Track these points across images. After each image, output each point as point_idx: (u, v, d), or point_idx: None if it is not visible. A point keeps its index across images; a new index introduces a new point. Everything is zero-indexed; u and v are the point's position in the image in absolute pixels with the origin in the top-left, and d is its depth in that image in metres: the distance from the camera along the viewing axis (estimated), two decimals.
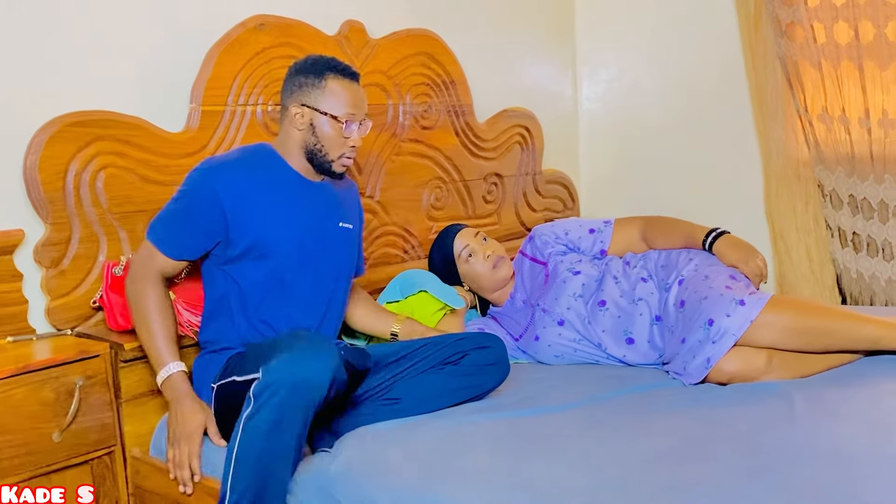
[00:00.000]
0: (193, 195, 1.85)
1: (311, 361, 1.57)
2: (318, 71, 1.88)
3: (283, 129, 1.94)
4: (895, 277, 2.88)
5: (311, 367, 1.57)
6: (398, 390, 1.83)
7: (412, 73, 2.71)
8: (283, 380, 1.55)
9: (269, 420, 1.55)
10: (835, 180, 2.95)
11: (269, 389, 1.55)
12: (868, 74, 2.83)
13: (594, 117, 3.64)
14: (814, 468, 1.41)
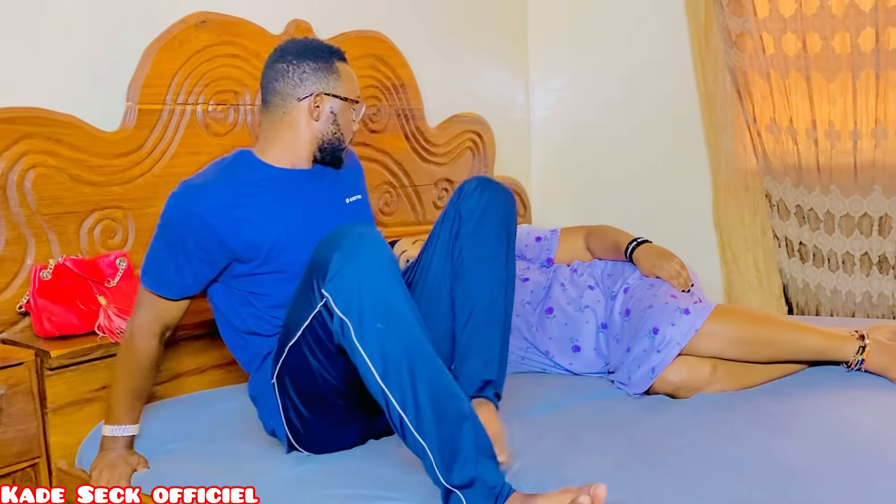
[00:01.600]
0: (177, 226, 1.64)
1: (361, 243, 1.40)
2: (325, 57, 1.73)
3: (281, 126, 1.72)
4: (841, 287, 2.90)
5: (367, 248, 1.40)
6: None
7: (361, 75, 2.65)
8: (356, 277, 1.37)
9: (379, 314, 1.37)
10: (782, 191, 2.97)
11: (352, 294, 1.37)
12: (815, 86, 2.85)
13: (546, 125, 3.63)
14: (751, 482, 1.39)
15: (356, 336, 1.36)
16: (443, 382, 1.38)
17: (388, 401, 1.35)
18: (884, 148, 2.77)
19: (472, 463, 1.32)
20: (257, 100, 2.35)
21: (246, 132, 2.33)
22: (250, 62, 2.32)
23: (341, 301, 1.37)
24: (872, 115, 2.77)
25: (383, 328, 1.36)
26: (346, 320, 1.36)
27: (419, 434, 1.33)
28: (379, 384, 1.35)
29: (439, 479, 1.33)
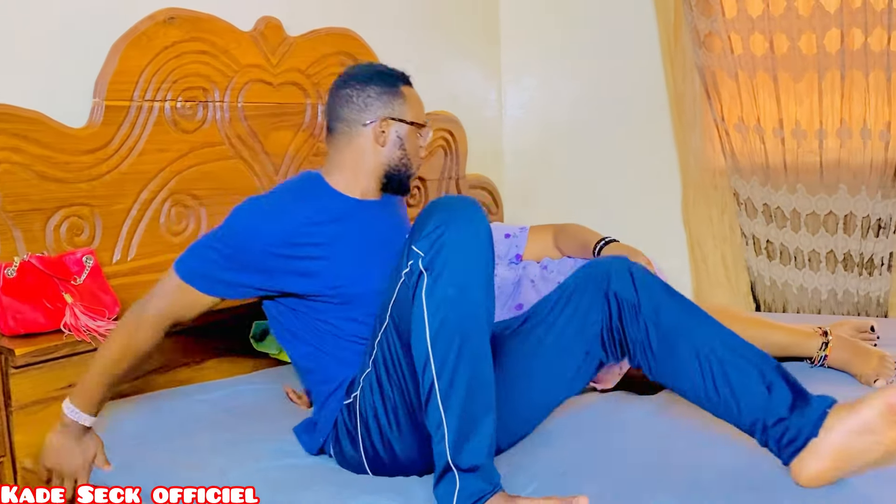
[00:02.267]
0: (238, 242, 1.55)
1: (465, 212, 1.37)
2: (391, 81, 1.71)
3: (347, 152, 1.68)
4: (807, 285, 2.95)
5: (469, 218, 1.37)
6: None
7: (331, 72, 2.65)
8: (448, 238, 1.34)
9: (455, 280, 1.34)
10: (750, 189, 3.00)
11: (439, 254, 1.33)
12: (782, 86, 2.89)
13: (519, 124, 3.64)
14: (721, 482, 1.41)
15: (426, 291, 1.35)
16: (484, 370, 1.37)
17: (428, 363, 1.34)
18: (849, 147, 2.81)
19: (481, 453, 1.33)
20: (226, 96, 2.34)
21: (215, 129, 2.32)
22: (219, 59, 2.31)
23: (427, 257, 1.36)
24: (838, 114, 2.82)
25: (454, 294, 1.34)
26: (424, 273, 1.35)
27: (443, 405, 1.33)
28: (426, 343, 1.34)
29: (445, 454, 1.32)
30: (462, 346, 1.34)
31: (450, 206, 1.40)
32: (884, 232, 2.79)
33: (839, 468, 1.33)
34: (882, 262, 2.82)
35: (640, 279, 1.53)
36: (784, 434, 1.37)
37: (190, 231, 2.28)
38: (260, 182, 2.45)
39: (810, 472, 1.34)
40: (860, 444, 1.32)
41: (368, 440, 1.49)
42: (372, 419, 1.49)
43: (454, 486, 1.31)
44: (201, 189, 2.30)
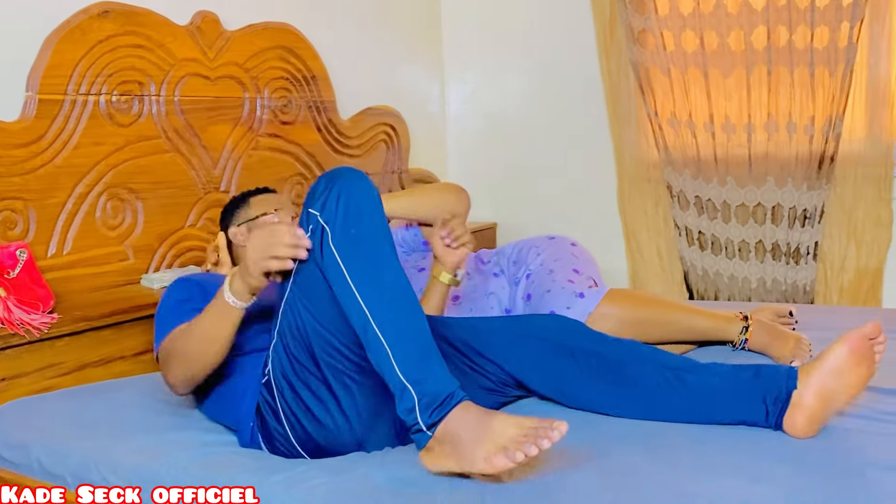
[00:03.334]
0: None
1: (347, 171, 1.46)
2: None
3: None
4: (737, 274, 3.05)
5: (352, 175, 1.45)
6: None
7: (270, 66, 2.67)
8: (338, 191, 1.42)
9: (354, 223, 1.41)
10: (682, 182, 3.09)
11: (333, 204, 1.41)
12: (712, 81, 2.98)
13: (461, 118, 3.69)
14: (638, 457, 1.46)
15: (333, 240, 1.41)
16: (408, 293, 1.42)
17: (355, 300, 1.39)
18: (776, 140, 2.92)
19: (429, 364, 1.36)
20: (162, 90, 2.35)
21: (151, 123, 2.33)
22: (155, 52, 2.32)
23: (325, 212, 1.42)
24: (765, 109, 2.92)
25: (357, 233, 1.41)
26: (326, 227, 1.41)
27: (379, 329, 1.37)
28: (348, 283, 1.39)
29: (395, 373, 1.35)
30: (381, 276, 1.40)
31: (334, 172, 1.49)
32: (809, 222, 2.90)
33: (823, 409, 1.46)
34: (808, 252, 2.93)
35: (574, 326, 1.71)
36: (767, 397, 1.48)
37: (126, 224, 2.29)
38: (197, 175, 2.46)
39: (803, 419, 1.44)
40: (835, 385, 1.46)
41: (289, 409, 1.52)
42: (287, 388, 1.52)
43: (413, 401, 1.33)
44: (138, 182, 2.31)
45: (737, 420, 1.52)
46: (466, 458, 1.30)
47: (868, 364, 1.49)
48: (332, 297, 1.44)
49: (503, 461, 1.27)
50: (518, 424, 1.30)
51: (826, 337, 2.02)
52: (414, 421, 1.33)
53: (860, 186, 2.84)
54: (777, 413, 1.48)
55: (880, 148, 2.79)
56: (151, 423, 1.72)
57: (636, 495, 1.28)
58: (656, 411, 1.58)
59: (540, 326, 1.71)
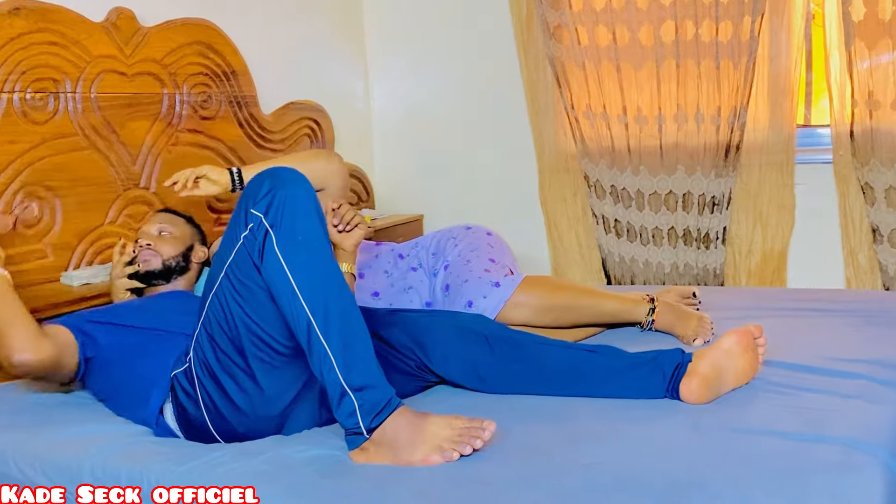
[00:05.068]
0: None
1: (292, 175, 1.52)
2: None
3: None
4: (652, 259, 3.17)
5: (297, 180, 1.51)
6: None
7: (189, 62, 2.68)
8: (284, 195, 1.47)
9: (300, 230, 1.47)
10: (598, 172, 3.19)
11: (280, 209, 1.46)
12: (625, 74, 3.09)
13: (386, 113, 3.73)
14: (545, 433, 1.54)
15: (278, 245, 1.45)
16: (349, 300, 1.49)
17: (299, 305, 1.43)
18: (685, 131, 3.04)
19: (371, 372, 1.43)
20: (79, 86, 2.34)
21: (67, 120, 2.32)
22: (70, 49, 2.31)
23: (270, 215, 1.47)
24: (675, 101, 3.04)
25: (304, 241, 1.47)
26: (271, 231, 1.46)
27: (324, 337, 1.42)
28: (292, 287, 1.44)
29: (338, 379, 1.41)
30: (326, 283, 1.46)
31: (275, 174, 1.53)
32: (718, 208, 3.03)
33: (717, 378, 1.60)
34: (717, 237, 3.06)
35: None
36: (666, 369, 1.62)
37: (44, 223, 2.27)
38: (116, 172, 2.46)
39: (698, 383, 1.58)
40: (726, 363, 1.62)
41: (209, 398, 1.56)
42: (208, 377, 1.56)
43: (353, 406, 1.40)
44: (55, 180, 2.29)
45: (638, 394, 1.63)
46: (403, 458, 1.39)
47: (753, 355, 1.66)
48: (266, 294, 1.49)
49: (439, 461, 1.38)
50: (450, 425, 1.41)
51: (728, 316, 2.15)
52: (354, 424, 1.41)
53: (764, 173, 2.98)
54: (674, 379, 1.60)
55: (782, 136, 2.93)
56: (71, 416, 1.74)
57: (543, 469, 1.36)
58: (564, 389, 1.68)
59: (457, 318, 1.82)
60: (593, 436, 1.47)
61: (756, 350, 1.67)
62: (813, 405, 1.54)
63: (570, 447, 1.42)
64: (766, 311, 2.24)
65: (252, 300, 1.51)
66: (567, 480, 1.30)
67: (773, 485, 1.23)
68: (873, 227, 2.82)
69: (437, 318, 1.81)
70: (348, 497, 1.32)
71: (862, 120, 2.78)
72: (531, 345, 1.74)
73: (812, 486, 1.22)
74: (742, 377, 1.65)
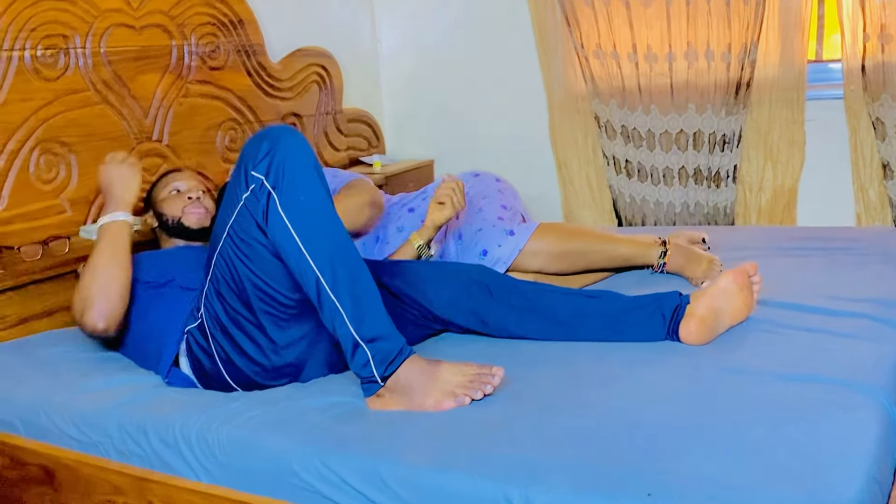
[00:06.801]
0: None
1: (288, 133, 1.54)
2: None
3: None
4: (662, 199, 3.18)
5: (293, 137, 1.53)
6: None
7: (196, 12, 2.67)
8: (283, 156, 1.49)
9: (302, 189, 1.49)
10: (609, 112, 3.19)
11: (280, 169, 1.49)
12: (634, 12, 3.05)
13: (395, 55, 3.71)
14: (547, 377, 1.59)
15: (281, 206, 1.48)
16: (354, 255, 1.53)
17: (307, 264, 1.47)
18: (695, 69, 3.02)
19: (381, 323, 1.48)
20: (88, 42, 2.35)
21: (78, 76, 2.34)
22: (78, 5, 2.31)
23: (270, 177, 1.49)
24: (685, 38, 3.01)
25: (307, 201, 1.50)
26: (273, 193, 1.49)
27: (333, 294, 1.47)
28: (299, 248, 1.48)
29: (350, 333, 1.46)
30: (331, 240, 1.50)
31: (271, 133, 1.55)
32: (728, 147, 3.03)
33: (714, 320, 1.66)
34: (727, 175, 3.06)
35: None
36: (665, 312, 1.67)
37: (61, 178, 2.31)
38: (129, 126, 2.48)
39: (696, 324, 1.64)
40: (723, 304, 1.68)
41: (223, 351, 1.62)
42: (220, 331, 1.62)
43: (367, 357, 1.45)
44: (69, 136, 2.33)
45: (638, 337, 1.68)
46: (416, 403, 1.45)
47: (749, 293, 1.71)
48: (270, 253, 1.53)
49: (452, 405, 1.44)
50: (461, 372, 1.47)
51: (735, 257, 2.18)
52: (369, 374, 1.46)
53: (775, 110, 2.97)
54: (674, 322, 1.65)
55: (793, 73, 2.90)
56: (95, 368, 1.80)
57: (548, 410, 1.41)
58: (567, 333, 1.73)
59: (458, 267, 1.86)
60: (596, 379, 1.52)
61: (751, 288, 1.73)
62: (813, 345, 1.58)
63: (574, 391, 1.48)
64: (773, 250, 2.26)
65: (257, 258, 1.55)
66: (571, 421, 1.35)
67: (771, 427, 1.28)
68: (884, 162, 2.81)
69: (439, 267, 1.85)
70: (365, 439, 1.38)
71: (874, 54, 2.75)
72: (532, 292, 1.79)
73: (809, 429, 1.27)
74: (738, 315, 1.71)
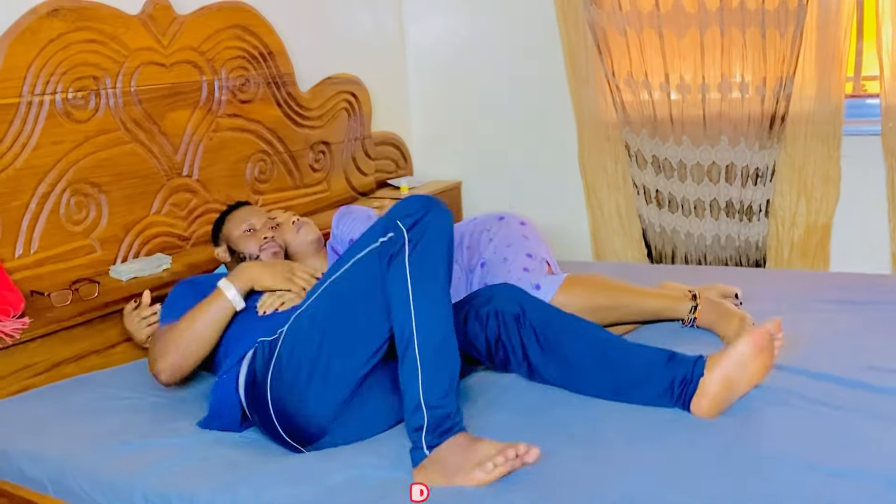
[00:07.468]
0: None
1: (443, 209, 1.65)
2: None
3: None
4: (693, 231, 3.14)
5: (445, 214, 1.65)
6: None
7: (226, 46, 2.68)
8: (430, 220, 1.60)
9: (430, 253, 1.59)
10: (639, 141, 3.15)
11: (423, 229, 1.59)
12: (667, 41, 3.01)
13: (423, 79, 3.69)
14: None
15: (409, 257, 1.59)
16: (450, 329, 1.61)
17: (409, 317, 1.56)
18: (729, 101, 2.97)
19: (447, 398, 1.54)
20: (118, 82, 2.36)
21: (109, 116, 2.35)
22: (108, 45, 2.32)
23: (413, 231, 1.61)
24: (718, 69, 2.96)
25: (430, 265, 1.60)
26: (408, 245, 1.60)
27: (419, 352, 1.55)
28: (408, 298, 1.57)
29: (418, 394, 1.54)
30: (436, 308, 1.59)
31: (430, 201, 1.67)
32: (761, 181, 2.98)
33: (726, 396, 1.64)
34: (760, 209, 3.02)
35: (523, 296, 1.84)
36: (678, 383, 1.66)
37: (91, 219, 2.33)
38: (159, 163, 2.49)
39: (707, 403, 1.62)
40: (738, 375, 1.65)
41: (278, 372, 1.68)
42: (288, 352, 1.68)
43: (423, 421, 1.52)
44: (100, 176, 2.34)
45: (648, 401, 1.69)
46: (451, 477, 1.49)
47: (769, 355, 1.68)
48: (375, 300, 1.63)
49: (481, 476, 1.47)
50: (496, 447, 1.49)
51: (766, 309, 2.13)
52: (417, 439, 1.53)
53: (810, 145, 2.91)
54: (685, 397, 1.65)
55: (829, 107, 2.85)
56: (124, 424, 1.81)
57: None
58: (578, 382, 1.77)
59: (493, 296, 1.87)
60: (622, 457, 1.52)
61: (772, 349, 1.70)
62: (847, 427, 1.52)
63: (599, 474, 1.47)
64: (806, 302, 2.22)
65: (362, 300, 1.65)
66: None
67: None
68: None
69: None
70: None
71: None
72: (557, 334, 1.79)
73: None
74: (755, 379, 1.69)
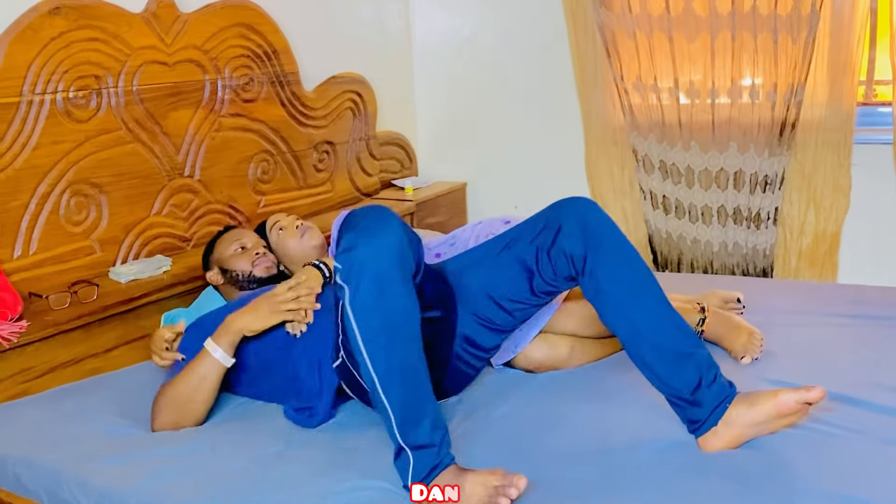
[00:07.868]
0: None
1: (376, 225, 1.58)
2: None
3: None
4: (700, 237, 3.10)
5: (379, 231, 1.57)
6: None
7: (229, 45, 2.64)
8: (360, 254, 1.54)
9: (372, 290, 1.54)
10: (647, 146, 3.11)
11: (353, 268, 1.55)
12: (677, 46, 2.97)
13: (429, 79, 3.66)
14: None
15: (349, 301, 1.55)
16: (414, 359, 1.56)
17: (364, 362, 1.54)
18: (738, 107, 2.93)
19: (426, 433, 1.52)
20: (120, 81, 2.33)
21: (110, 115, 2.31)
22: (111, 44, 2.29)
23: (343, 272, 1.56)
24: (729, 74, 2.92)
25: (372, 301, 1.54)
26: (345, 286, 1.56)
27: (385, 396, 1.53)
28: (359, 346, 1.54)
29: (396, 437, 1.52)
30: (389, 344, 1.54)
31: (357, 223, 1.60)
32: (770, 188, 2.94)
33: (737, 444, 1.58)
34: (768, 217, 2.98)
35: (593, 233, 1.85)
36: (691, 415, 1.61)
37: (91, 219, 2.30)
38: (160, 163, 2.46)
39: (713, 447, 1.58)
40: (751, 433, 1.58)
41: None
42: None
43: (408, 463, 1.51)
44: (100, 176, 2.31)
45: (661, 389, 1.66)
46: None
47: (794, 418, 1.58)
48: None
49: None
50: (484, 483, 1.48)
51: (774, 322, 2.11)
52: (406, 477, 1.51)
53: (820, 153, 2.88)
54: (695, 430, 1.60)
55: (840, 115, 2.81)
56: (119, 434, 1.78)
57: None
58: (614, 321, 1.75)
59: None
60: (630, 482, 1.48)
61: (800, 414, 1.58)
62: (861, 455, 1.48)
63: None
64: (815, 316, 2.18)
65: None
66: None
67: None
68: None
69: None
70: None
71: None
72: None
73: None
74: (771, 430, 1.59)
